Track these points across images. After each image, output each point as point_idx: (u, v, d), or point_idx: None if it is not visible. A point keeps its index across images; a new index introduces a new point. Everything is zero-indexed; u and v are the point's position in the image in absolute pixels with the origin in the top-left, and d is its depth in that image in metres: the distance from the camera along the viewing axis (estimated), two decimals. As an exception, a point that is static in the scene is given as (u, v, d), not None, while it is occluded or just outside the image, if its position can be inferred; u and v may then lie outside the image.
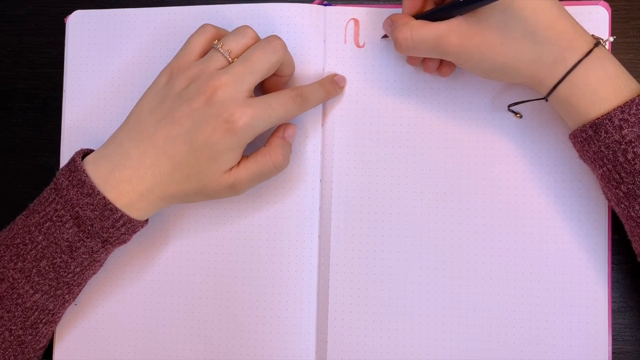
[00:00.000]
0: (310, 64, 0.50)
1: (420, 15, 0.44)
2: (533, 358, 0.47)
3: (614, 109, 0.39)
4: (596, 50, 0.40)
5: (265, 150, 0.45)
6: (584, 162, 0.44)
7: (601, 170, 0.42)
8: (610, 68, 0.40)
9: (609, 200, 0.44)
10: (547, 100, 0.43)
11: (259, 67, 0.43)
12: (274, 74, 0.46)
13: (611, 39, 0.43)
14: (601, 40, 0.41)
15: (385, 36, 0.49)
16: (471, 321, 0.48)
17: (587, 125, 0.41)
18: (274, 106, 0.43)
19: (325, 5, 0.50)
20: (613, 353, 0.47)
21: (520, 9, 0.40)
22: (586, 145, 0.42)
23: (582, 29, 0.41)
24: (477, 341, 0.47)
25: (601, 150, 0.41)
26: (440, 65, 0.47)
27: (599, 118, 0.40)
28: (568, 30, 0.41)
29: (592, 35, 0.42)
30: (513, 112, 0.48)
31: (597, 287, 0.47)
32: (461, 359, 0.47)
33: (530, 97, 0.46)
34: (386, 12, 0.50)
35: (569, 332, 0.47)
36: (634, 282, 0.48)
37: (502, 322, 0.47)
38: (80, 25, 0.53)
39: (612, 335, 0.47)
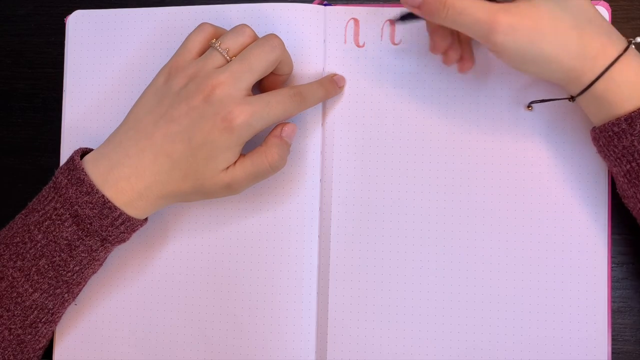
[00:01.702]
0: (310, 63, 0.50)
1: None
2: (533, 358, 0.47)
3: None
4: (631, 47, 0.41)
5: (261, 150, 0.45)
6: (605, 158, 0.43)
7: (629, 165, 0.41)
8: None
9: (626, 199, 0.43)
10: (573, 100, 0.43)
11: (257, 65, 0.43)
12: (272, 73, 0.46)
13: (638, 39, 0.42)
14: (632, 40, 0.41)
15: (402, 18, 0.45)
16: (471, 321, 0.48)
17: (622, 118, 0.40)
18: (272, 104, 0.43)
19: (325, 5, 0.50)
20: (613, 353, 0.47)
21: (568, 0, 0.40)
22: (616, 139, 0.41)
23: (613, 27, 0.42)
24: (477, 341, 0.47)
25: (633, 145, 0.40)
26: (460, 58, 0.46)
27: (635, 111, 0.40)
28: (606, 26, 0.41)
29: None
30: (533, 103, 0.47)
31: (597, 287, 0.47)
32: (461, 359, 0.47)
33: (540, 98, 0.46)
34: (386, 11, 0.50)
35: (569, 332, 0.47)
36: (634, 282, 0.48)
37: (502, 322, 0.47)
38: (80, 25, 0.53)
39: (612, 335, 0.47)
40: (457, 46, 0.46)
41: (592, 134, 0.44)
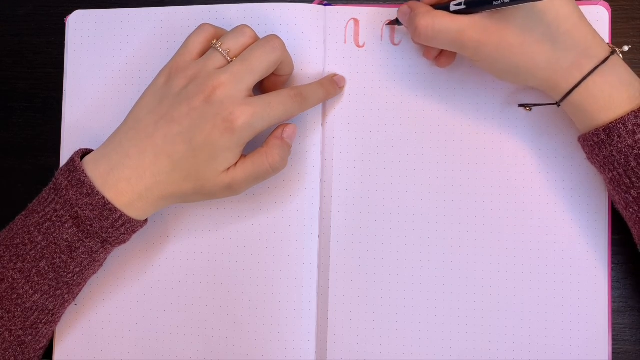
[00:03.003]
0: (310, 64, 0.50)
1: (439, 7, 0.44)
2: (533, 358, 0.47)
3: (628, 114, 0.40)
4: (612, 58, 0.41)
5: (262, 151, 0.45)
6: (593, 164, 0.44)
7: (611, 174, 0.42)
8: (624, 76, 0.41)
9: (615, 204, 0.44)
10: (558, 106, 0.43)
11: (257, 66, 0.43)
12: (273, 74, 0.46)
13: (626, 48, 0.43)
14: (616, 50, 0.41)
15: (391, 22, 0.49)
16: (471, 321, 0.48)
17: (600, 129, 0.41)
18: (273, 105, 0.43)
19: (325, 5, 0.50)
20: (613, 353, 0.47)
21: (543, 12, 0.40)
22: (597, 149, 0.42)
23: (599, 37, 0.41)
24: (477, 341, 0.47)
25: (613, 155, 0.41)
26: (439, 55, 0.47)
27: (612, 122, 0.40)
28: (586, 37, 0.41)
29: (608, 44, 0.42)
30: (524, 105, 0.47)
31: (597, 288, 0.47)
32: (461, 359, 0.47)
33: (534, 100, 0.46)
34: (386, 12, 0.50)
35: (569, 332, 0.47)
36: (634, 282, 0.48)
37: (502, 322, 0.47)
38: (80, 25, 0.53)
39: (612, 335, 0.47)
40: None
41: (579, 141, 0.44)
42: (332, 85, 0.49)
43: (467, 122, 0.49)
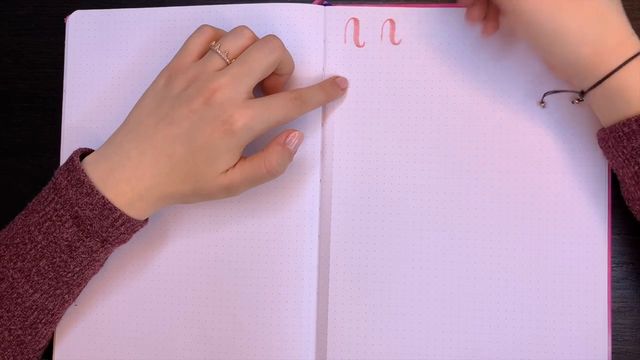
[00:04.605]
0: (310, 63, 0.50)
1: None
2: (533, 358, 0.47)
3: None
4: None
5: (261, 155, 0.44)
6: (612, 159, 0.43)
7: (637, 167, 0.41)
8: None
9: (630, 200, 0.43)
10: (582, 97, 0.42)
11: (256, 67, 0.43)
12: (274, 73, 0.46)
13: None
14: None
15: None
16: (471, 321, 0.48)
17: (632, 119, 0.40)
18: (272, 108, 0.43)
19: (325, 5, 0.50)
20: (613, 353, 0.47)
21: None
22: (625, 140, 0.41)
23: (631, 28, 0.41)
24: (477, 341, 0.47)
25: None
26: (485, 19, 0.46)
27: None
28: (627, 23, 0.41)
29: None
30: (548, 93, 0.47)
31: (597, 287, 0.47)
32: (461, 358, 0.47)
33: (547, 101, 0.46)
34: (386, 11, 0.50)
35: (569, 332, 0.47)
36: (634, 282, 0.48)
37: (502, 322, 0.47)
38: (80, 25, 0.53)
39: (612, 335, 0.47)
40: (483, 3, 0.45)
41: (599, 135, 0.44)
42: (333, 88, 0.49)
43: (468, 122, 0.49)
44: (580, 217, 0.47)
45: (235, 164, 0.44)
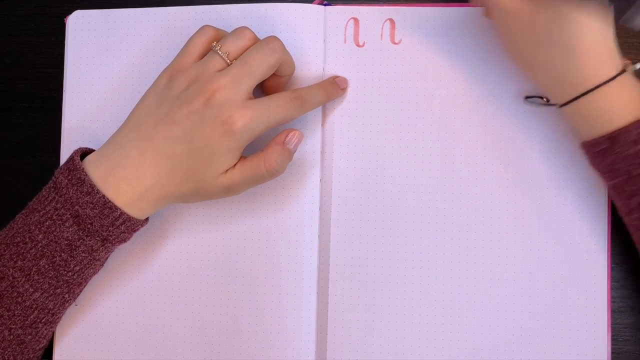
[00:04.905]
0: (310, 64, 0.50)
1: None
2: (533, 358, 0.47)
3: (632, 123, 0.40)
4: (622, 76, 0.40)
5: (261, 155, 0.45)
6: (595, 170, 0.44)
7: (613, 181, 0.42)
8: (633, 92, 0.41)
9: (617, 209, 0.44)
10: (560, 108, 0.43)
11: (257, 69, 0.43)
12: (274, 74, 0.46)
13: (638, 66, 0.42)
14: (629, 66, 0.41)
15: None
16: (471, 321, 0.48)
17: (605, 137, 0.41)
18: (272, 108, 0.43)
19: (325, 5, 0.50)
20: (613, 353, 0.47)
21: (571, 21, 0.40)
22: (600, 156, 0.42)
23: (614, 52, 0.41)
24: (477, 341, 0.47)
25: (616, 163, 0.41)
26: None
27: (615, 131, 0.40)
28: (602, 55, 0.40)
29: (623, 58, 0.41)
30: (531, 97, 0.48)
31: (597, 288, 0.47)
32: (461, 358, 0.47)
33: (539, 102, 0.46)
34: (386, 11, 0.50)
35: (569, 332, 0.47)
36: (634, 282, 0.48)
37: (502, 322, 0.47)
38: (80, 25, 0.53)
39: (612, 335, 0.47)
40: None
41: (580, 147, 0.44)
42: (333, 88, 0.49)
43: (468, 122, 0.49)
44: (580, 216, 0.47)
45: (235, 164, 0.44)
